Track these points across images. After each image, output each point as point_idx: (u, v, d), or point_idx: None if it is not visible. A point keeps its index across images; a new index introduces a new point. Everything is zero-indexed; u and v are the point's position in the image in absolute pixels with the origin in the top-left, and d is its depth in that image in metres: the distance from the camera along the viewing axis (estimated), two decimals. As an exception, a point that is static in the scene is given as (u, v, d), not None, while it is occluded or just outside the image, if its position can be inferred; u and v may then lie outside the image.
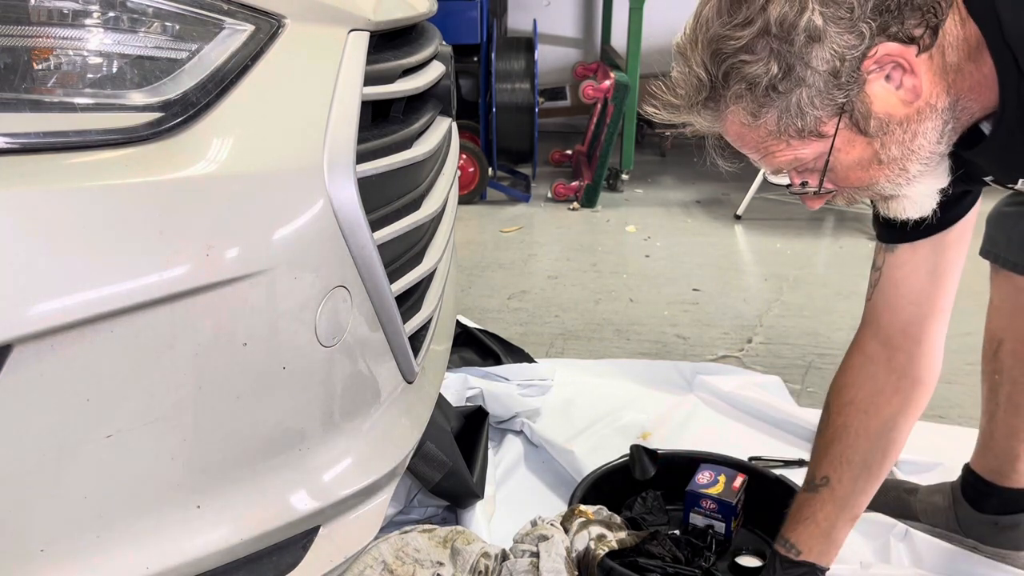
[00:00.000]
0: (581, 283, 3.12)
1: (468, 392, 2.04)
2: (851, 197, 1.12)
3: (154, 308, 0.86)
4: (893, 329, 1.30)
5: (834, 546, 1.34)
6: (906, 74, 0.99)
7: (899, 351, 1.29)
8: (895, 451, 1.33)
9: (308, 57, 1.01)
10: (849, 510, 1.33)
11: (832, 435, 1.33)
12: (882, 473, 1.33)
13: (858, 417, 1.31)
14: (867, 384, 1.31)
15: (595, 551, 1.38)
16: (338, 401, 1.09)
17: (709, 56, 1.02)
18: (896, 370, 1.30)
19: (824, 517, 1.33)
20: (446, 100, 1.44)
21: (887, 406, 1.30)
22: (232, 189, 0.92)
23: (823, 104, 1.00)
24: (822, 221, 3.97)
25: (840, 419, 1.33)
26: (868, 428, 1.31)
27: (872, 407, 1.31)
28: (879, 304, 1.31)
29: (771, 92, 1.00)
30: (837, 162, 1.05)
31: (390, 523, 1.60)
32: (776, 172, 1.12)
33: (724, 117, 1.06)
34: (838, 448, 1.32)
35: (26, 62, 0.86)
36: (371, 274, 1.06)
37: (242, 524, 1.01)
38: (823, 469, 1.33)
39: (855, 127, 1.02)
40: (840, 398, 1.34)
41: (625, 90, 4.00)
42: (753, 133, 1.06)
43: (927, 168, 1.05)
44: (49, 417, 0.84)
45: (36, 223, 0.80)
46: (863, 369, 1.32)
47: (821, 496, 1.33)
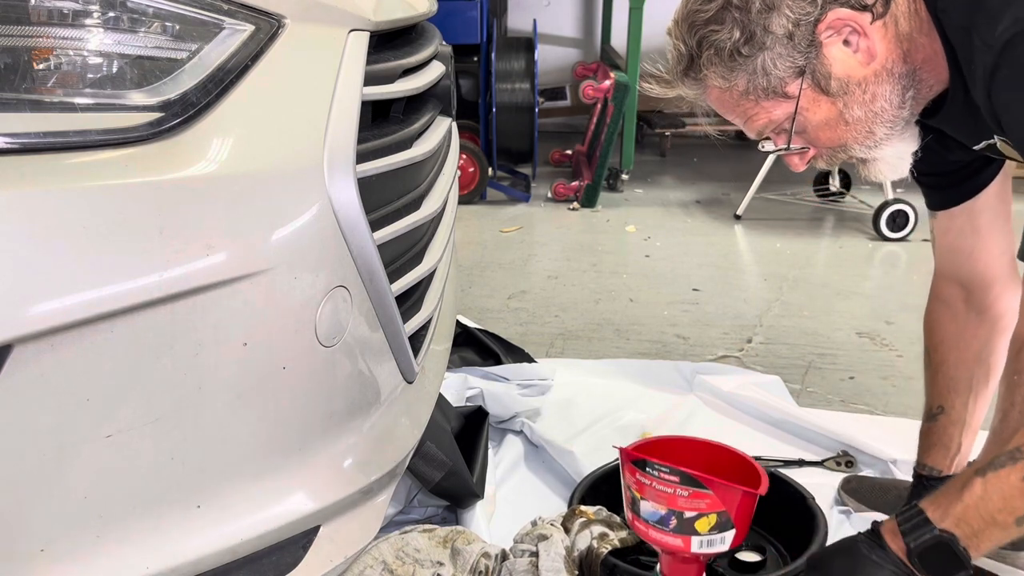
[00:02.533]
0: (581, 283, 3.13)
1: (468, 392, 2.04)
2: (830, 158, 1.23)
3: (154, 308, 0.86)
4: (960, 277, 1.45)
5: (965, 459, 1.52)
6: (861, 37, 1.10)
7: (972, 292, 1.44)
8: (996, 371, 1.46)
9: (308, 57, 1.01)
10: (969, 427, 1.50)
11: (934, 370, 1.51)
12: (989, 391, 1.48)
13: (951, 352, 1.48)
14: (950, 324, 1.47)
15: (598, 550, 1.38)
16: (338, 401, 1.09)
17: (686, 29, 1.16)
18: (975, 307, 1.45)
19: (949, 438, 1.50)
20: (446, 100, 1.44)
21: (975, 339, 1.45)
22: (232, 189, 0.92)
23: (784, 67, 1.12)
24: (822, 221, 3.97)
25: (937, 356, 1.50)
26: (964, 359, 1.47)
27: (961, 342, 1.46)
28: (940, 259, 1.47)
29: (736, 56, 1.12)
30: (807, 122, 1.16)
31: (390, 523, 1.60)
32: (758, 135, 1.23)
33: (705, 85, 1.19)
34: (942, 380, 1.49)
35: (26, 62, 0.86)
36: (371, 274, 1.06)
37: (242, 524, 1.01)
38: (936, 400, 1.51)
39: (817, 87, 1.13)
40: (932, 338, 1.51)
41: (625, 90, 4.00)
42: (728, 96, 1.18)
43: (893, 132, 1.16)
44: (49, 417, 0.84)
45: (36, 223, 0.80)
46: (944, 312, 1.48)
47: (940, 423, 1.50)
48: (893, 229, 3.59)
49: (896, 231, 3.59)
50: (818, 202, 4.11)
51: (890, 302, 2.96)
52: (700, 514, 0.93)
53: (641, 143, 5.06)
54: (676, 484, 0.94)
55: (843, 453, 1.91)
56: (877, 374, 2.39)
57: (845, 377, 2.37)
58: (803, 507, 1.57)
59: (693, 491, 0.93)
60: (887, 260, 3.43)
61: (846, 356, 2.51)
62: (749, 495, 0.95)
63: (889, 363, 2.46)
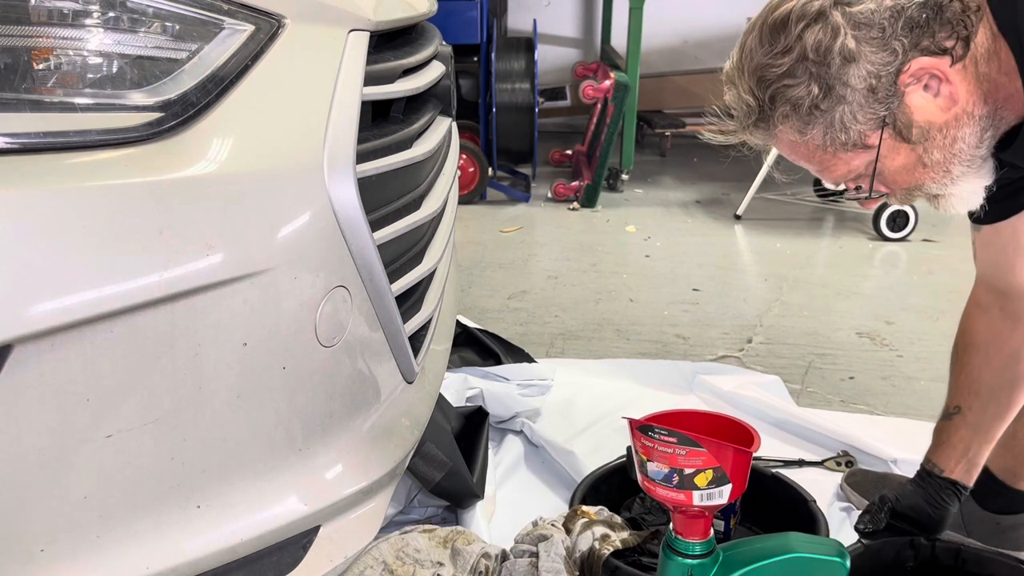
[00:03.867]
0: (581, 283, 3.12)
1: (468, 392, 2.04)
2: (904, 197, 1.20)
3: (154, 308, 0.86)
4: (998, 285, 1.43)
5: (973, 466, 1.48)
6: (943, 83, 1.07)
7: (1009, 300, 1.42)
8: (1023, 382, 1.45)
9: (308, 57, 1.01)
10: (983, 434, 1.46)
11: (959, 370, 1.48)
12: (1013, 402, 1.45)
13: (979, 355, 1.45)
14: (984, 329, 1.45)
15: (600, 551, 1.38)
16: (338, 401, 1.09)
17: (755, 83, 1.12)
18: (1011, 315, 1.42)
19: (959, 439, 1.47)
20: (446, 100, 1.44)
21: (1007, 344, 1.43)
22: (232, 189, 0.92)
23: (865, 118, 1.09)
24: (822, 221, 3.97)
25: (965, 357, 1.48)
26: (991, 363, 1.44)
27: (992, 346, 1.44)
28: (981, 269, 1.46)
29: (814, 111, 1.09)
30: (884, 167, 1.14)
31: (390, 523, 1.60)
32: (835, 184, 1.21)
33: (775, 136, 1.16)
34: (964, 381, 1.47)
35: (26, 62, 0.86)
36: (371, 274, 1.06)
37: (242, 524, 1.01)
38: (954, 400, 1.48)
39: (898, 136, 1.10)
40: (963, 340, 1.49)
41: (625, 90, 4.00)
42: (803, 148, 1.15)
43: (969, 169, 1.13)
44: (49, 417, 0.84)
45: (36, 223, 0.80)
46: (980, 317, 1.47)
47: (954, 423, 1.48)
48: (893, 229, 3.59)
49: (896, 231, 3.59)
50: (818, 202, 4.11)
51: (890, 302, 2.95)
52: (698, 470, 1.03)
53: (641, 143, 5.05)
54: (675, 444, 1.03)
55: (843, 453, 1.91)
56: (877, 374, 2.39)
57: (845, 377, 2.37)
58: (804, 509, 1.58)
59: (690, 450, 1.02)
60: (887, 260, 3.43)
61: (846, 356, 2.51)
62: (740, 452, 1.04)
63: (889, 363, 2.46)
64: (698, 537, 1.08)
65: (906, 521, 1.48)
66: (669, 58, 5.50)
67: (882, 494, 1.51)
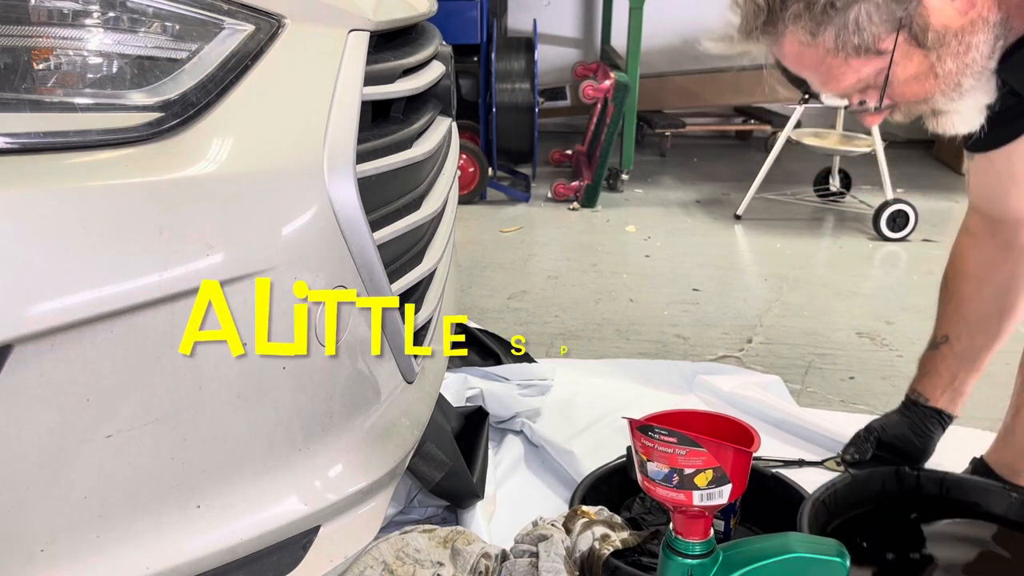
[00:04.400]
0: (581, 283, 3.13)
1: (468, 392, 2.04)
2: (908, 112, 1.17)
3: (154, 308, 0.86)
4: (992, 214, 1.42)
5: (959, 396, 1.48)
6: None
7: (1001, 228, 1.41)
8: (1013, 312, 1.44)
9: (308, 57, 1.01)
10: (969, 363, 1.46)
11: (948, 299, 1.48)
12: (1002, 331, 1.45)
13: (970, 284, 1.45)
14: (975, 256, 1.45)
15: (600, 551, 1.38)
16: (338, 401, 1.09)
17: None
18: (1002, 243, 1.42)
19: (945, 368, 1.47)
20: (446, 100, 1.44)
21: (998, 273, 1.42)
22: (232, 189, 0.92)
23: (881, 19, 1.04)
24: (822, 221, 3.97)
25: (954, 286, 1.47)
26: (981, 292, 1.44)
27: (983, 274, 1.43)
28: (974, 198, 1.45)
29: (828, 10, 1.05)
30: (895, 77, 1.10)
31: (390, 523, 1.60)
32: (842, 95, 1.15)
33: (782, 40, 1.11)
34: (953, 309, 1.46)
35: (26, 62, 0.86)
36: (371, 274, 1.06)
37: (242, 524, 1.01)
38: (942, 329, 1.48)
39: (913, 40, 1.07)
40: (953, 269, 1.48)
41: (625, 90, 4.00)
42: (812, 52, 1.10)
43: (977, 84, 1.11)
44: (49, 417, 0.84)
45: (36, 223, 0.80)
46: (971, 245, 1.46)
47: (941, 352, 1.48)
48: (893, 229, 3.59)
49: (896, 231, 3.59)
50: (818, 202, 4.11)
51: (890, 302, 2.95)
52: (698, 470, 1.03)
53: (641, 143, 5.05)
54: (675, 444, 1.03)
55: (843, 453, 1.91)
56: (877, 374, 2.39)
57: (845, 377, 2.37)
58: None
59: (690, 450, 1.02)
60: (887, 260, 3.43)
61: (846, 356, 2.51)
62: (740, 452, 1.04)
63: (889, 363, 2.46)
64: (698, 537, 1.09)
65: (891, 451, 1.48)
66: (669, 58, 5.49)
67: (868, 424, 1.51)
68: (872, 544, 1.36)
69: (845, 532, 1.34)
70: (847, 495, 1.40)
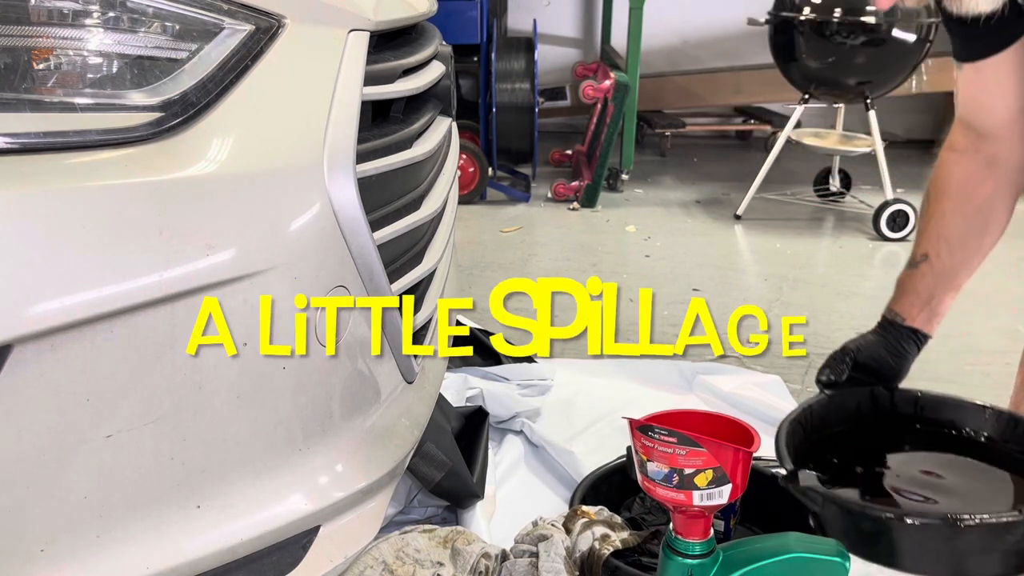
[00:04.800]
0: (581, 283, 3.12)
1: (468, 392, 2.04)
2: None
3: (154, 308, 0.86)
4: (978, 128, 1.40)
5: (935, 315, 1.46)
6: None
7: (986, 143, 1.40)
8: (994, 229, 1.43)
9: (308, 57, 1.01)
10: (948, 280, 1.45)
11: (929, 217, 1.46)
12: (981, 248, 1.44)
13: (951, 201, 1.43)
14: (958, 172, 1.43)
15: (599, 551, 1.38)
16: (338, 401, 1.09)
17: None
18: (986, 159, 1.40)
19: (924, 287, 1.45)
20: (446, 100, 1.44)
21: (980, 189, 1.41)
22: (232, 189, 0.92)
23: None
24: (822, 221, 3.97)
25: (936, 204, 1.45)
26: (963, 209, 1.42)
27: (965, 191, 1.41)
28: (961, 110, 1.43)
29: None
30: None
31: (390, 523, 1.60)
32: None
33: None
34: (934, 227, 1.44)
35: (26, 62, 0.86)
36: (371, 274, 1.06)
37: (242, 524, 1.01)
38: (922, 247, 1.46)
39: None
40: (935, 187, 1.45)
41: (625, 90, 4.00)
42: None
43: None
44: (49, 417, 0.84)
45: (36, 223, 0.80)
46: (954, 161, 1.44)
47: (920, 270, 1.46)
48: (893, 229, 3.59)
49: (896, 231, 3.59)
50: (818, 202, 4.11)
51: (890, 302, 2.95)
52: (698, 470, 1.03)
53: (641, 143, 5.05)
54: (675, 444, 1.03)
55: (843, 453, 1.91)
56: (877, 374, 2.38)
57: (845, 377, 2.37)
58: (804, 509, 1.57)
59: (690, 450, 1.02)
60: (887, 260, 3.43)
61: (846, 356, 2.50)
62: (740, 452, 1.04)
63: (889, 363, 2.46)
64: (698, 537, 1.09)
65: (867, 372, 1.46)
66: (669, 58, 5.50)
67: (844, 344, 1.50)
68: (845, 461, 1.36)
69: (820, 451, 1.34)
70: (822, 415, 1.40)
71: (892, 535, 1.14)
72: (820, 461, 1.12)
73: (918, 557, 1.14)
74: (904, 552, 1.14)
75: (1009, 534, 1.10)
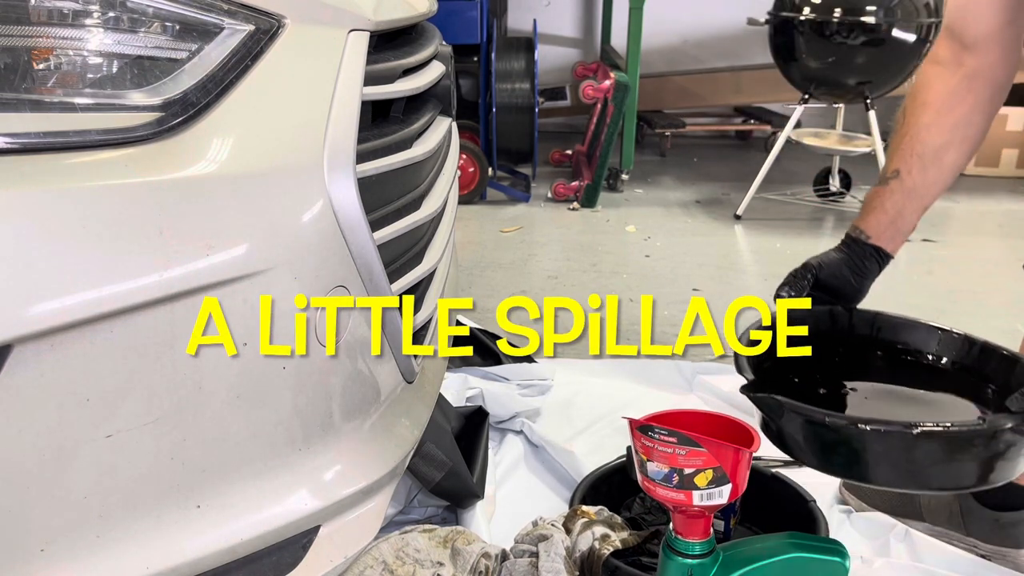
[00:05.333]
0: (581, 283, 3.12)
1: (468, 392, 2.04)
2: None
3: (154, 308, 0.86)
4: (964, 38, 1.39)
5: (900, 234, 1.44)
6: None
7: (970, 55, 1.38)
8: (967, 149, 1.41)
9: (308, 57, 1.01)
10: (918, 199, 1.42)
11: (904, 132, 1.43)
12: (955, 165, 1.41)
13: (929, 115, 1.40)
14: (938, 86, 1.41)
15: (599, 551, 1.38)
16: (338, 401, 1.09)
17: None
18: (968, 72, 1.39)
19: (892, 205, 1.43)
20: (446, 100, 1.44)
21: (960, 104, 1.39)
22: (232, 189, 0.92)
23: None
24: (822, 221, 3.97)
25: (912, 118, 1.42)
26: (941, 124, 1.39)
27: (945, 106, 1.39)
28: (949, 18, 1.41)
29: None
30: None
31: (390, 523, 1.60)
32: None
33: None
34: (909, 143, 1.41)
35: (26, 62, 0.86)
36: (371, 274, 1.06)
37: (242, 524, 1.01)
38: (894, 164, 1.43)
39: None
40: (914, 101, 1.43)
41: (625, 90, 4.00)
42: None
43: None
44: (49, 417, 0.84)
45: (36, 223, 0.80)
46: (936, 74, 1.42)
47: (890, 187, 1.43)
48: (893, 229, 3.59)
49: (896, 231, 3.59)
50: (818, 202, 4.11)
51: (890, 302, 2.93)
52: (698, 470, 1.03)
53: (641, 143, 5.05)
54: (675, 444, 1.03)
55: (843, 453, 1.91)
56: (877, 374, 2.38)
57: (845, 377, 2.37)
58: (804, 509, 1.58)
59: (690, 450, 1.02)
60: (887, 260, 3.43)
61: (846, 356, 2.50)
62: (740, 451, 1.04)
63: (889, 363, 2.46)
64: (698, 537, 1.09)
65: (827, 290, 1.45)
66: (669, 58, 5.50)
67: (806, 262, 1.47)
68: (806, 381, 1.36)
69: (780, 371, 1.34)
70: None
71: (852, 444, 1.12)
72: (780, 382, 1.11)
73: (878, 468, 1.13)
74: (865, 463, 1.13)
75: (970, 444, 1.09)
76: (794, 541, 1.14)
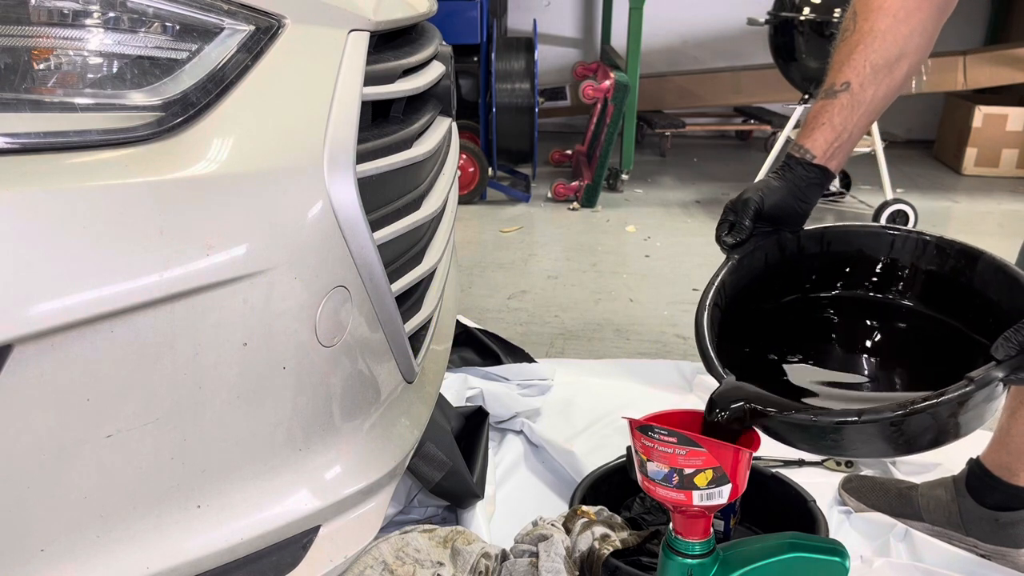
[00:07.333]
0: (581, 283, 3.13)
1: (468, 392, 2.04)
2: None
3: (154, 308, 0.86)
4: None
5: (842, 153, 1.36)
6: None
7: None
8: (920, 58, 1.34)
9: (308, 57, 1.01)
10: (867, 115, 1.34)
11: (857, 40, 1.34)
12: (905, 80, 1.35)
13: (885, 21, 1.32)
14: None
15: (599, 551, 1.38)
16: (338, 401, 1.09)
17: None
18: None
19: (840, 121, 1.34)
20: (446, 100, 1.44)
21: (918, 12, 1.32)
22: (232, 189, 0.92)
23: None
24: (822, 221, 3.96)
25: (867, 24, 1.33)
26: (897, 32, 1.32)
27: (901, 13, 1.32)
28: None
29: None
30: None
31: (390, 523, 1.60)
32: None
33: None
34: (863, 52, 1.33)
35: (26, 62, 0.86)
36: (371, 274, 1.06)
37: (242, 524, 1.01)
38: (844, 75, 1.34)
39: None
40: (867, 6, 1.34)
41: (625, 90, 4.00)
42: None
43: None
44: (49, 417, 0.84)
45: (36, 223, 0.80)
46: None
47: (840, 101, 1.34)
48: (893, 229, 3.59)
49: (896, 231, 3.59)
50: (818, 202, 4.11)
51: (890, 302, 2.95)
52: (698, 470, 1.02)
53: (641, 143, 5.06)
54: (675, 444, 1.02)
55: (843, 453, 1.91)
56: (877, 374, 2.38)
57: (845, 377, 2.37)
58: (804, 509, 1.58)
59: (690, 450, 1.02)
60: (887, 260, 3.43)
61: (846, 356, 2.50)
62: (740, 451, 1.03)
63: (889, 363, 2.46)
64: (698, 537, 1.09)
65: (770, 221, 1.35)
66: (669, 58, 5.50)
67: (746, 196, 1.35)
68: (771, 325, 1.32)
69: (744, 331, 1.29)
70: (734, 283, 1.30)
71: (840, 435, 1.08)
72: (745, 333, 1.06)
73: (869, 446, 1.10)
74: (855, 448, 1.11)
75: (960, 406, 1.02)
76: (794, 541, 1.13)
